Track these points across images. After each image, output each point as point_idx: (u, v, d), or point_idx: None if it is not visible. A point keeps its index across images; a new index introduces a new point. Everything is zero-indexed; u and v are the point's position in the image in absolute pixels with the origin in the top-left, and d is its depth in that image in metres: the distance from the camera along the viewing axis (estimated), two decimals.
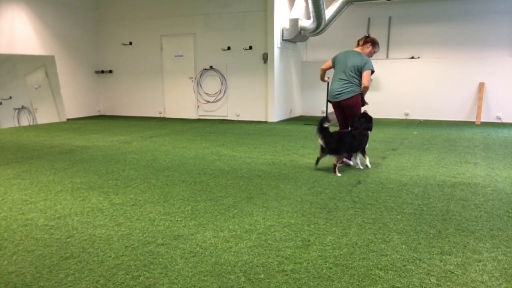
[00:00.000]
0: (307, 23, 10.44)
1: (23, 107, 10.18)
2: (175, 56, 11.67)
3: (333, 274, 2.53)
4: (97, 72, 12.53)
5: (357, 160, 5.35)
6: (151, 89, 12.09)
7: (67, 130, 9.22)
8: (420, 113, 11.03)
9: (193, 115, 11.68)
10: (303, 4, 10.88)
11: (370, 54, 5.43)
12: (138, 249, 2.91)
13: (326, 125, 5.01)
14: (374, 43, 5.45)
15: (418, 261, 2.70)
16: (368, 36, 5.55)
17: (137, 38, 12.03)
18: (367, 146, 5.39)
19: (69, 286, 2.42)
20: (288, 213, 3.62)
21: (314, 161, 5.42)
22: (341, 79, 5.37)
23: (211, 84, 11.36)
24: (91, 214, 3.64)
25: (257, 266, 2.64)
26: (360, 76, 5.30)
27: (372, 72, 5.30)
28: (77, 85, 11.89)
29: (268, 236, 3.13)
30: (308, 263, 2.68)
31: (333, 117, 5.93)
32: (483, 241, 3.02)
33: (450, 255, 2.79)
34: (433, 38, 10.83)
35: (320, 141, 5.08)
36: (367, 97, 5.56)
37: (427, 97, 10.92)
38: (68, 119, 11.24)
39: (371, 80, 5.55)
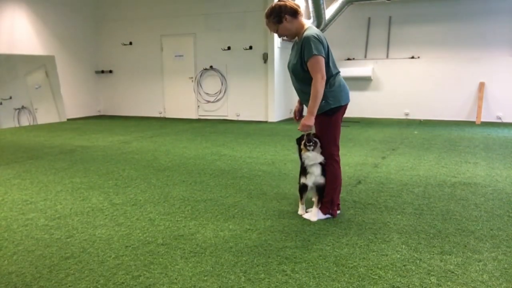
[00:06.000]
0: (307, 23, 10.43)
1: (23, 107, 10.18)
2: (175, 56, 11.67)
3: (333, 274, 2.53)
4: (97, 72, 12.52)
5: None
6: (151, 89, 12.08)
7: (67, 130, 9.22)
8: (420, 113, 11.02)
9: (193, 115, 11.68)
10: (303, 4, 10.87)
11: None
12: (138, 249, 2.91)
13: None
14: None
15: (418, 261, 2.70)
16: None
17: (137, 38, 12.02)
18: None
19: (69, 286, 2.42)
20: (288, 213, 3.62)
21: None
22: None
23: (211, 84, 11.36)
24: (91, 214, 3.64)
25: (257, 266, 2.64)
26: None
27: None
28: (77, 85, 11.89)
29: (268, 236, 3.13)
30: (308, 263, 2.68)
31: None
32: (483, 241, 3.02)
33: (450, 254, 2.79)
34: (433, 38, 10.83)
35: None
36: None
37: (427, 97, 10.91)
38: (68, 119, 11.24)
39: None
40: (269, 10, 3.36)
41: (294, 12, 3.34)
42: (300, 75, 3.38)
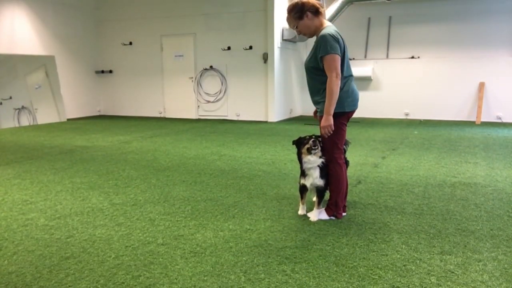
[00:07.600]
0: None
1: (23, 107, 10.18)
2: (175, 56, 11.67)
3: (333, 274, 2.53)
4: (97, 72, 12.53)
5: None
6: (151, 89, 12.09)
7: (67, 130, 9.21)
8: (420, 113, 11.02)
9: (193, 115, 11.68)
10: None
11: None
12: (138, 249, 2.91)
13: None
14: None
15: (418, 261, 2.70)
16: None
17: (137, 38, 12.02)
18: None
19: (69, 286, 2.42)
20: (288, 213, 3.62)
21: None
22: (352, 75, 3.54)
23: (211, 84, 11.36)
24: (91, 214, 3.64)
25: (257, 266, 2.64)
26: None
27: None
28: (77, 85, 11.89)
29: (268, 236, 3.13)
30: (308, 263, 2.68)
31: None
32: (483, 241, 3.02)
33: (450, 255, 2.79)
34: (433, 38, 10.83)
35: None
36: None
37: (427, 97, 10.91)
38: (68, 119, 11.24)
39: None
40: (291, 6, 3.37)
41: (315, 10, 3.37)
42: (312, 73, 3.40)
